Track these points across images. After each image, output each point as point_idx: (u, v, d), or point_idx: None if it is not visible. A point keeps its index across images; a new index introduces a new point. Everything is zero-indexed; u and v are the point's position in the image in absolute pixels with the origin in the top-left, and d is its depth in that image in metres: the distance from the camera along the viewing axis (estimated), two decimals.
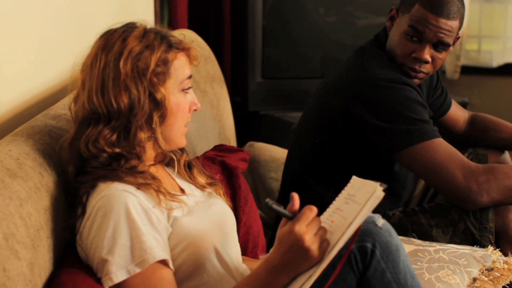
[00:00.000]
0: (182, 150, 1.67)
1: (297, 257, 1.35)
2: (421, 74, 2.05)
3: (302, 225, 1.34)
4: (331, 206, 1.40)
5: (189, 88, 1.56)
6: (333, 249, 1.34)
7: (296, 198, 1.39)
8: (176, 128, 1.54)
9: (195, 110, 1.58)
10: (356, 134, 2.04)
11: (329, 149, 2.12)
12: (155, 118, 1.49)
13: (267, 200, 1.34)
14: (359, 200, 1.35)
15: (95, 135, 1.46)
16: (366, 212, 1.33)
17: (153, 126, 1.49)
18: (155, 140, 1.52)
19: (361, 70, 2.04)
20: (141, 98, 1.46)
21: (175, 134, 1.55)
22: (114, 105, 1.46)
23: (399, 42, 2.04)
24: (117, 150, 1.46)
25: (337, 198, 1.40)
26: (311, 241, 1.33)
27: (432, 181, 1.99)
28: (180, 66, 1.52)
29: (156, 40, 1.50)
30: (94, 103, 1.46)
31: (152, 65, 1.47)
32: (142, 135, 1.48)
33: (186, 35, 2.64)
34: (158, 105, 1.49)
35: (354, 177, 1.41)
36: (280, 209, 1.36)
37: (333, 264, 1.38)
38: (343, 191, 1.40)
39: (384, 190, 1.33)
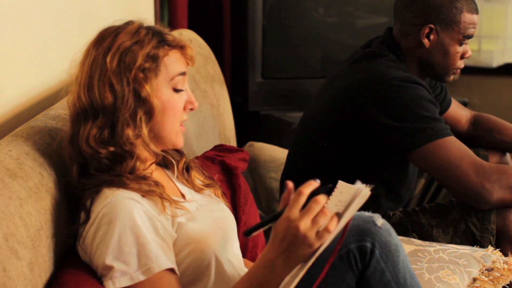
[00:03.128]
0: (181, 153, 1.66)
1: (294, 247, 1.29)
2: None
3: (295, 211, 1.29)
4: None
5: (183, 86, 1.53)
6: (321, 247, 1.31)
7: (290, 186, 1.34)
8: (168, 126, 1.51)
9: (191, 109, 1.55)
10: (368, 137, 2.04)
11: (338, 153, 2.11)
12: (140, 115, 1.46)
13: (244, 232, 1.32)
14: (348, 202, 1.33)
15: (86, 133, 1.45)
16: (352, 210, 1.30)
17: (137, 123, 1.46)
18: (142, 139, 1.49)
19: (373, 71, 2.04)
20: (125, 94, 1.44)
21: (167, 132, 1.52)
22: (99, 100, 1.44)
23: (453, 53, 2.10)
24: (111, 148, 1.45)
25: (326, 206, 1.38)
26: (307, 227, 1.28)
27: (444, 180, 1.99)
28: (171, 63, 1.50)
29: (147, 36, 1.48)
30: (81, 99, 1.46)
31: (139, 61, 1.45)
32: (130, 132, 1.46)
33: (186, 35, 2.64)
34: (143, 102, 1.46)
35: (340, 182, 1.39)
36: (261, 225, 1.33)
37: (324, 260, 1.35)
38: (331, 197, 1.38)
39: (371, 190, 1.31)
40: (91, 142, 1.45)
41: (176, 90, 1.51)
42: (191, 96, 1.54)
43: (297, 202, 1.30)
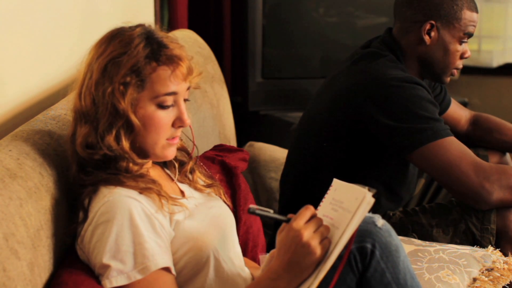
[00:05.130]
0: (189, 155, 1.64)
1: (297, 256, 1.33)
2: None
3: (299, 222, 1.33)
4: (317, 212, 1.38)
5: (174, 103, 1.47)
6: (329, 258, 1.33)
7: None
8: (150, 141, 1.47)
9: (180, 126, 1.50)
10: (368, 137, 2.04)
11: (338, 153, 2.11)
12: (117, 127, 1.44)
13: (250, 206, 1.32)
14: (349, 207, 1.33)
15: (77, 135, 1.45)
16: (358, 220, 1.32)
17: (117, 134, 1.44)
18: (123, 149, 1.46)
19: (372, 72, 2.04)
20: (103, 104, 1.42)
21: (150, 147, 1.48)
22: (83, 106, 1.44)
23: (453, 51, 2.11)
24: (101, 152, 1.44)
25: (322, 204, 1.39)
26: (309, 236, 1.32)
27: (444, 180, 1.98)
28: (158, 80, 1.44)
29: (137, 48, 1.43)
30: (75, 102, 1.47)
31: (122, 73, 1.42)
32: (111, 140, 1.44)
33: (186, 35, 2.64)
34: (120, 116, 1.43)
35: (335, 180, 1.40)
36: (267, 212, 1.35)
37: (332, 271, 1.36)
38: (326, 196, 1.39)
39: (374, 196, 1.32)
40: (80, 145, 1.45)
41: (163, 107, 1.46)
42: (182, 113, 1.48)
43: (303, 215, 1.35)
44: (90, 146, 1.45)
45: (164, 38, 1.48)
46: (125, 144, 1.45)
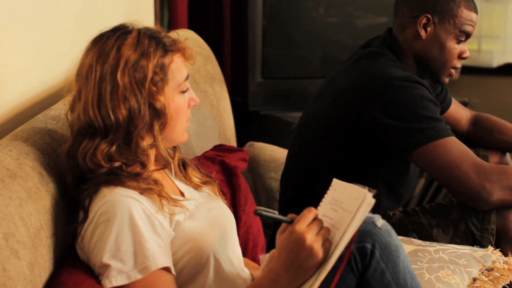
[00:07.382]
0: (173, 148, 1.66)
1: (300, 259, 1.33)
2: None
3: (302, 225, 1.33)
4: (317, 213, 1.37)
5: (187, 87, 1.55)
6: (330, 259, 1.33)
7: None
8: (178, 128, 1.54)
9: (194, 105, 1.57)
10: (369, 137, 2.04)
11: (339, 152, 2.11)
12: (156, 126, 1.48)
13: (257, 208, 1.33)
14: (349, 207, 1.33)
15: (92, 149, 1.44)
16: (358, 221, 1.32)
17: (155, 133, 1.48)
18: (156, 146, 1.51)
19: (373, 71, 2.04)
20: (141, 109, 1.45)
21: (177, 133, 1.55)
22: (112, 118, 1.44)
23: (450, 48, 2.11)
24: (117, 164, 1.45)
25: (321, 204, 1.38)
26: (312, 239, 1.32)
27: (444, 180, 1.98)
28: (177, 69, 1.51)
29: (151, 46, 1.47)
30: (90, 116, 1.45)
31: (150, 74, 1.46)
32: (144, 143, 1.48)
33: (186, 35, 2.64)
34: (159, 114, 1.48)
35: (335, 180, 1.40)
36: (272, 214, 1.35)
37: (333, 272, 1.37)
38: (326, 196, 1.39)
39: (374, 196, 1.32)
40: (98, 157, 1.44)
41: (183, 92, 1.53)
42: (192, 93, 1.57)
43: (306, 217, 1.35)
44: (110, 157, 1.45)
45: (158, 30, 1.53)
46: (160, 140, 1.50)
